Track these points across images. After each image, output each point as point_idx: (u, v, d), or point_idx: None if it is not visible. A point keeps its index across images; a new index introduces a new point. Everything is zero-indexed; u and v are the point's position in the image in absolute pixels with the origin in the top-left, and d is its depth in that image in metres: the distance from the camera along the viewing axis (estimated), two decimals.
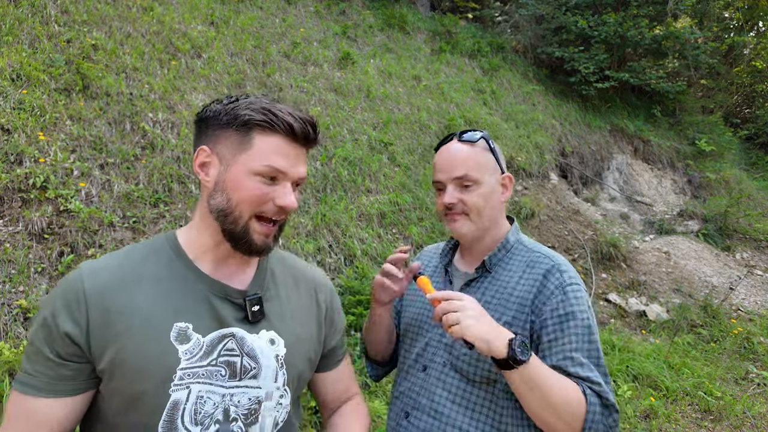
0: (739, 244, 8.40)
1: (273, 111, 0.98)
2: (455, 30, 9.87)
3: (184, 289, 1.00)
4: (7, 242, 3.20)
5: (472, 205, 1.31)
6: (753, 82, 13.62)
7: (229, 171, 0.98)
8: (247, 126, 0.97)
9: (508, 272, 1.33)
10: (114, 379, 0.93)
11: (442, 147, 1.38)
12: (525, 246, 1.39)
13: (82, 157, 3.87)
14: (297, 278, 1.18)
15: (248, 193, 0.97)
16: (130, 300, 0.95)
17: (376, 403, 3.31)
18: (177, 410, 0.94)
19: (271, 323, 1.06)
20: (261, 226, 1.00)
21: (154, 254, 1.03)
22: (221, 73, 5.59)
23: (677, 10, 10.24)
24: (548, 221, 6.81)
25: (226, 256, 1.05)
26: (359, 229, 4.81)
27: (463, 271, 1.42)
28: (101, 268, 0.98)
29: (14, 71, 4.09)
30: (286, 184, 1.00)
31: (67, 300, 0.93)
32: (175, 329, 0.96)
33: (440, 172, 1.34)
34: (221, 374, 0.98)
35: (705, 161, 10.41)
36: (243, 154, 0.97)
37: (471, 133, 1.35)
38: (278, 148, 0.98)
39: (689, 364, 4.73)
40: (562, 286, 1.25)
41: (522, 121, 8.27)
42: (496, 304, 1.29)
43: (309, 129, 1.01)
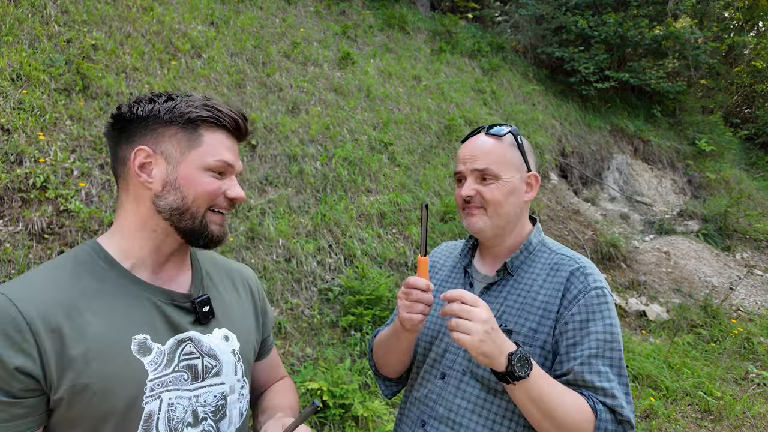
0: (739, 244, 8.40)
1: (216, 107, 1.00)
2: (455, 30, 9.87)
3: (130, 300, 0.95)
4: (7, 242, 3.20)
5: (491, 199, 1.25)
6: (753, 82, 13.62)
7: (179, 168, 0.97)
8: (194, 123, 0.98)
9: (531, 275, 1.27)
10: (75, 406, 0.86)
11: (467, 139, 1.33)
12: (548, 248, 1.33)
13: (82, 157, 3.87)
14: (230, 274, 1.20)
15: (203, 188, 0.98)
16: (78, 319, 0.88)
17: (376, 403, 3.31)
18: (151, 421, 0.92)
19: (221, 321, 1.08)
20: (216, 216, 1.02)
21: (84, 268, 0.95)
22: (221, 73, 5.59)
23: (677, 10, 10.23)
24: (548, 221, 6.81)
25: (163, 261, 1.02)
26: (359, 229, 4.81)
27: (483, 273, 1.35)
28: (31, 291, 0.88)
29: (14, 71, 4.09)
30: (233, 177, 1.04)
31: (5, 332, 0.82)
32: (134, 342, 0.92)
33: (461, 163, 1.29)
34: (184, 378, 0.98)
35: (705, 161, 10.40)
36: (193, 150, 0.98)
37: (499, 127, 1.31)
38: (224, 143, 1.01)
39: (689, 364, 4.73)
40: (586, 289, 1.20)
41: (522, 121, 8.27)
42: (519, 310, 1.23)
43: (245, 123, 1.05)
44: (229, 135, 1.03)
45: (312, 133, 5.46)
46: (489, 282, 1.31)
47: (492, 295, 1.29)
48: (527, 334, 1.21)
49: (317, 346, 3.72)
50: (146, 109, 0.98)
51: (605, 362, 1.14)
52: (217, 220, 1.02)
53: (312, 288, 4.17)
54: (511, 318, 1.23)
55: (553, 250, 1.31)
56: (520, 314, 1.23)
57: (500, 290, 1.29)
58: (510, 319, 1.23)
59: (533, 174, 1.32)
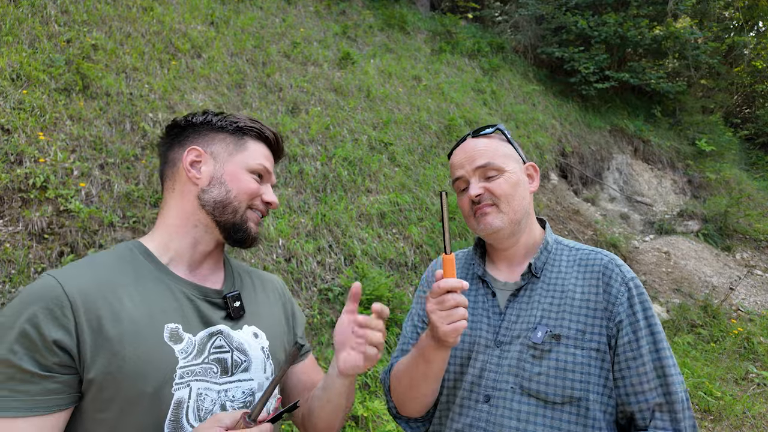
0: (739, 244, 8.40)
1: (260, 123, 1.16)
2: (455, 30, 9.87)
3: (166, 291, 1.01)
4: (7, 242, 3.20)
5: (501, 193, 1.20)
6: (753, 82, 13.62)
7: (226, 167, 1.09)
8: (242, 131, 1.13)
9: (559, 274, 1.21)
10: (107, 389, 0.88)
11: (456, 148, 1.31)
12: (565, 245, 1.28)
13: (82, 157, 3.87)
14: (261, 279, 1.26)
15: (246, 185, 1.09)
16: (117, 304, 0.92)
17: (376, 402, 3.31)
18: (181, 408, 0.95)
19: (251, 318, 1.12)
20: (254, 215, 1.11)
21: (126, 260, 1.01)
22: (221, 73, 5.59)
23: (677, 10, 10.23)
24: (548, 221, 6.81)
25: (200, 259, 1.10)
26: (359, 229, 4.81)
27: (502, 280, 1.26)
28: (76, 275, 0.93)
29: (14, 71, 4.09)
30: (269, 185, 1.15)
31: (48, 307, 0.85)
32: (167, 330, 0.96)
33: (459, 168, 1.25)
34: (213, 371, 1.00)
35: (705, 161, 10.40)
36: (239, 153, 1.11)
37: (487, 128, 1.30)
38: (264, 153, 1.15)
39: (689, 364, 4.73)
40: (625, 281, 1.16)
41: (522, 121, 8.27)
42: (560, 312, 1.15)
43: (281, 145, 1.20)
44: (268, 149, 1.16)
45: (312, 133, 5.46)
46: (514, 288, 1.23)
47: (521, 301, 1.21)
48: (576, 336, 1.13)
49: (317, 346, 3.72)
50: (200, 118, 1.13)
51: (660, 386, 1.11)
52: (254, 219, 1.11)
53: (312, 288, 4.17)
54: (552, 322, 1.15)
55: (572, 247, 1.27)
56: (563, 316, 1.15)
57: (530, 295, 1.21)
58: (552, 323, 1.15)
59: (531, 164, 1.31)
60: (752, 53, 13.03)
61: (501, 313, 1.22)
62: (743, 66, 13.04)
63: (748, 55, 12.95)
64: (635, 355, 1.11)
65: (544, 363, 1.12)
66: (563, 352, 1.12)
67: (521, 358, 1.14)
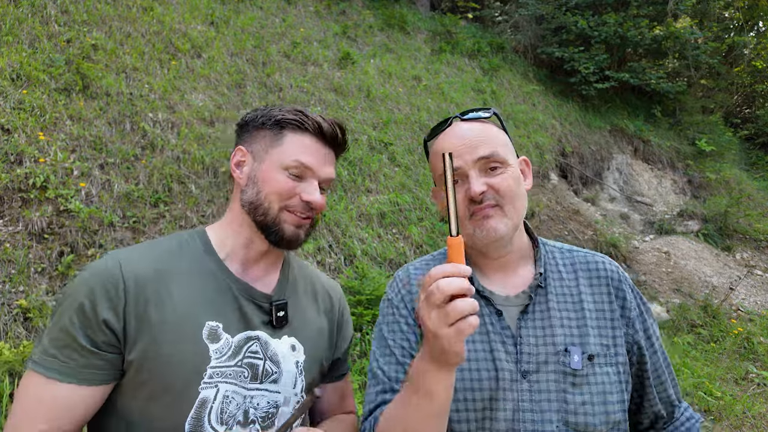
0: (739, 244, 8.39)
1: (304, 112, 1.05)
2: (455, 30, 9.87)
3: (215, 286, 1.01)
4: (7, 242, 3.20)
5: (507, 192, 1.01)
6: (753, 82, 13.62)
7: (262, 166, 1.04)
8: (279, 125, 1.05)
9: (563, 282, 1.08)
10: (142, 371, 0.92)
11: (443, 133, 1.08)
12: (553, 246, 1.15)
13: (82, 157, 3.87)
14: (315, 288, 1.20)
15: (276, 185, 1.02)
16: (165, 292, 0.95)
17: None
18: (205, 408, 0.94)
19: (293, 330, 1.08)
20: (290, 216, 1.03)
21: (186, 248, 1.04)
22: (221, 73, 5.59)
23: (677, 10, 10.23)
24: (548, 221, 6.81)
25: (255, 258, 1.07)
26: (359, 229, 4.81)
27: (502, 295, 1.07)
28: (137, 258, 0.97)
29: (14, 71, 4.09)
30: (313, 181, 1.04)
31: (105, 286, 0.91)
32: (207, 327, 0.97)
33: (457, 157, 1.00)
34: (244, 375, 0.99)
35: (705, 161, 10.40)
36: (274, 150, 1.04)
37: (480, 111, 1.09)
38: (307, 147, 1.04)
39: (689, 364, 4.73)
40: (631, 286, 1.10)
41: (522, 121, 8.27)
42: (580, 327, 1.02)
43: (337, 131, 1.06)
44: (315, 140, 1.05)
45: None
46: (520, 303, 1.05)
47: (535, 318, 1.03)
48: (605, 353, 1.02)
49: None
50: (250, 115, 1.09)
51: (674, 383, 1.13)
52: (290, 220, 1.03)
53: None
54: (577, 339, 1.01)
55: (559, 248, 1.15)
56: (586, 331, 1.02)
57: (542, 309, 1.04)
58: (577, 341, 1.01)
59: (524, 158, 1.13)
60: (752, 53, 13.03)
61: (514, 336, 1.02)
62: (743, 66, 13.03)
63: (748, 55, 12.95)
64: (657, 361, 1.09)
65: (586, 390, 0.98)
66: (600, 373, 1.00)
67: (560, 389, 0.98)
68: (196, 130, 4.62)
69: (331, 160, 1.08)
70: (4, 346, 2.63)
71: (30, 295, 3.02)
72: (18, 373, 2.61)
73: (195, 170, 4.32)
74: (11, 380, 2.57)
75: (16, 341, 2.79)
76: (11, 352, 2.62)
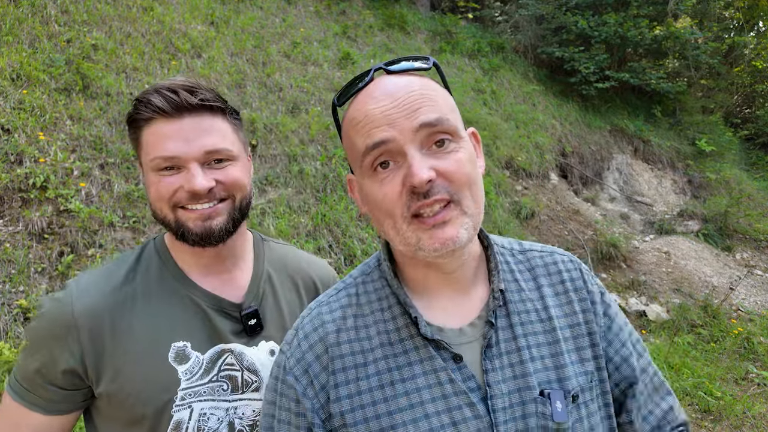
0: (739, 244, 8.39)
1: (140, 98, 0.88)
2: (455, 30, 9.87)
3: (178, 304, 0.95)
4: (7, 242, 3.20)
5: (461, 177, 0.69)
6: (753, 82, 13.61)
7: (145, 175, 0.95)
8: (133, 125, 0.92)
9: (522, 293, 0.80)
10: (112, 404, 0.91)
11: (361, 92, 0.74)
12: (503, 247, 0.87)
13: (82, 157, 3.87)
14: (295, 278, 1.12)
15: (153, 190, 0.91)
16: (123, 322, 0.91)
17: None
18: (180, 429, 0.92)
19: (270, 333, 1.02)
20: (188, 213, 0.91)
21: (144, 266, 0.97)
22: (221, 73, 5.59)
23: (677, 10, 10.23)
24: (548, 221, 6.81)
25: (209, 263, 0.99)
26: (359, 229, 4.81)
27: (455, 327, 0.76)
28: (92, 290, 0.92)
29: (14, 71, 4.09)
30: (190, 166, 0.88)
31: (58, 330, 0.89)
32: (173, 349, 0.92)
33: (383, 123, 0.69)
34: (223, 389, 0.96)
35: (705, 161, 10.40)
36: (142, 155, 0.92)
37: (415, 61, 0.75)
38: (161, 135, 0.88)
39: (689, 364, 4.73)
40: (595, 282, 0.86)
41: (522, 121, 8.27)
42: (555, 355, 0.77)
43: (177, 96, 0.87)
44: (166, 120, 0.87)
45: (312, 133, 5.46)
46: (480, 336, 0.76)
47: (502, 354, 0.75)
48: (589, 386, 0.77)
49: None
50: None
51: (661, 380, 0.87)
52: (192, 216, 0.91)
53: None
54: (553, 374, 0.75)
55: (507, 248, 0.87)
56: (562, 360, 0.76)
57: (507, 338, 0.76)
58: (553, 376, 0.75)
59: (472, 130, 0.81)
60: (752, 53, 13.03)
61: (481, 387, 0.73)
62: (743, 66, 13.03)
63: (748, 55, 12.95)
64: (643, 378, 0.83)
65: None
66: (585, 415, 0.75)
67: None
68: None
69: (205, 128, 0.89)
70: (4, 346, 2.63)
71: (30, 295, 3.02)
72: None
73: None
74: None
75: (16, 341, 2.79)
76: (11, 352, 2.62)
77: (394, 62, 0.75)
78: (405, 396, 0.71)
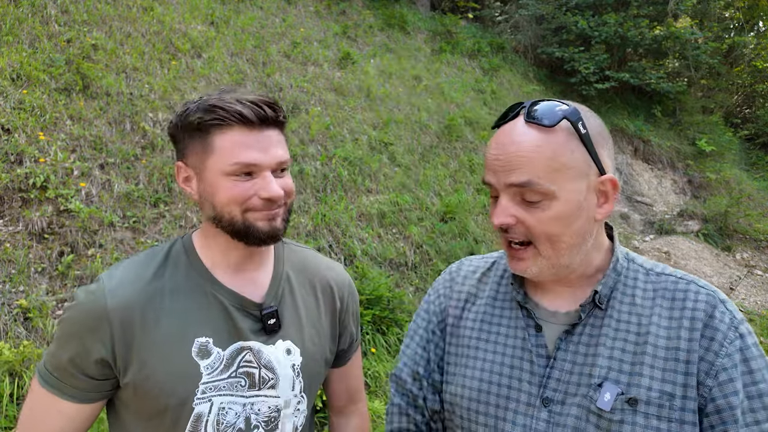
0: (739, 244, 8.40)
1: (219, 105, 0.93)
2: (455, 30, 9.87)
3: (203, 301, 1.00)
4: (7, 242, 3.20)
5: (540, 233, 0.82)
6: (753, 82, 13.62)
7: (204, 179, 0.96)
8: (201, 129, 0.95)
9: (634, 308, 0.86)
10: (137, 394, 0.95)
11: (502, 126, 0.87)
12: (639, 265, 0.92)
13: (82, 156, 3.87)
14: (313, 281, 1.16)
15: (228, 194, 0.94)
16: (152, 316, 0.96)
17: (376, 403, 3.31)
18: (200, 422, 0.96)
19: (288, 333, 1.07)
20: (259, 214, 0.96)
21: (172, 263, 1.02)
22: (221, 73, 5.59)
23: (677, 10, 10.23)
24: None
25: (238, 262, 1.04)
26: (359, 229, 4.81)
27: (550, 309, 0.92)
28: (123, 284, 0.97)
29: (14, 71, 4.09)
30: (265, 174, 0.95)
31: (91, 321, 0.94)
32: (196, 344, 0.97)
33: (489, 169, 0.85)
34: (241, 384, 1.00)
35: (705, 161, 10.40)
36: (209, 159, 0.95)
37: (547, 106, 0.82)
38: (239, 142, 0.93)
39: None
40: (734, 325, 0.81)
41: None
42: (635, 364, 0.82)
43: (263, 110, 0.94)
44: (245, 130, 0.93)
45: (312, 133, 5.46)
46: (567, 322, 0.89)
47: (580, 342, 0.86)
48: (660, 402, 0.79)
49: None
50: (173, 123, 0.99)
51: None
52: (261, 217, 0.96)
53: None
54: (624, 377, 0.82)
55: (649, 269, 0.91)
56: (641, 370, 0.81)
57: (592, 333, 0.86)
58: (624, 379, 0.81)
59: (609, 178, 0.84)
60: (752, 53, 13.03)
61: (549, 356, 0.88)
62: (743, 66, 13.04)
63: (748, 55, 12.95)
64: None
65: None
66: (641, 425, 0.78)
67: (579, 427, 0.82)
68: None
69: (275, 141, 0.96)
70: (4, 346, 2.63)
71: (30, 295, 3.02)
72: (18, 373, 2.61)
73: None
74: (11, 380, 2.57)
75: (16, 341, 2.79)
76: (11, 352, 2.62)
77: (534, 104, 0.84)
78: (489, 333, 0.95)
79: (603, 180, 0.84)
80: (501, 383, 0.90)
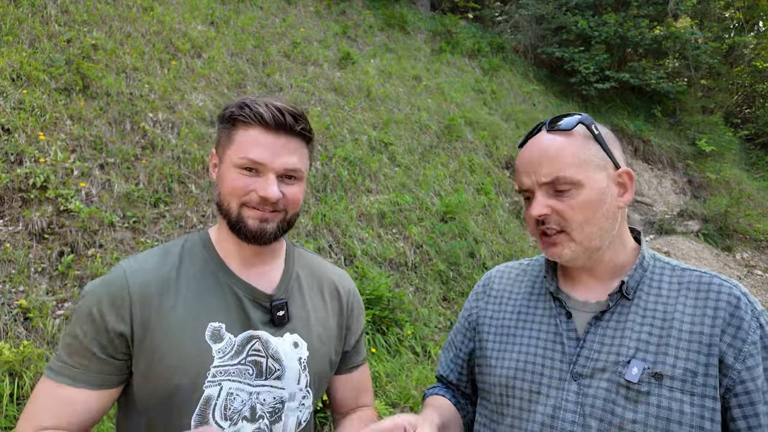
0: (739, 244, 8.40)
1: (248, 104, 1.01)
2: (455, 30, 9.87)
3: (218, 289, 1.05)
4: (7, 242, 3.20)
5: (573, 218, 0.95)
6: (753, 82, 13.62)
7: (222, 166, 1.05)
8: (230, 122, 1.03)
9: (660, 298, 0.96)
10: (151, 376, 0.98)
11: (527, 141, 1.04)
12: (666, 262, 1.02)
13: (82, 157, 3.87)
14: (321, 282, 1.21)
15: (230, 185, 1.01)
16: (168, 301, 1.00)
17: (377, 402, 3.31)
18: (209, 405, 0.99)
19: (295, 327, 1.10)
20: (252, 212, 1.02)
21: (189, 254, 1.08)
22: (221, 73, 5.59)
23: (677, 10, 10.24)
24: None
25: (250, 256, 1.09)
26: (359, 229, 4.81)
27: (581, 299, 1.03)
28: (143, 267, 1.03)
29: (14, 71, 4.09)
30: (268, 175, 1.01)
31: (113, 297, 0.97)
32: (209, 328, 1.01)
33: (524, 174, 0.99)
34: (249, 373, 1.03)
35: (705, 161, 10.40)
36: (228, 149, 1.03)
37: (566, 119, 0.99)
38: (255, 140, 1.00)
39: None
40: (755, 316, 0.91)
41: (522, 121, 8.27)
42: (661, 345, 0.91)
43: (283, 117, 1.00)
44: (264, 131, 1.00)
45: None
46: (597, 310, 0.99)
47: (608, 326, 0.97)
48: (684, 378, 0.89)
49: None
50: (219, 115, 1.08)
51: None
52: (253, 215, 1.02)
53: None
54: (651, 356, 0.91)
55: (675, 266, 1.01)
56: (665, 350, 0.91)
57: (619, 320, 0.96)
58: (650, 358, 0.91)
59: (625, 170, 1.01)
60: (752, 53, 13.03)
61: (579, 339, 0.99)
62: (743, 66, 13.04)
63: (748, 55, 12.95)
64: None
65: (641, 408, 0.89)
66: (667, 396, 0.88)
67: (609, 398, 0.92)
68: (196, 130, 4.62)
69: (290, 148, 1.02)
70: (4, 346, 2.63)
71: (30, 295, 3.02)
72: (18, 373, 2.61)
73: (195, 170, 4.32)
74: (11, 380, 2.57)
75: (16, 341, 2.79)
76: (11, 352, 2.62)
77: (555, 120, 1.00)
78: (525, 322, 1.07)
79: (620, 173, 1.00)
80: (536, 362, 1.01)
